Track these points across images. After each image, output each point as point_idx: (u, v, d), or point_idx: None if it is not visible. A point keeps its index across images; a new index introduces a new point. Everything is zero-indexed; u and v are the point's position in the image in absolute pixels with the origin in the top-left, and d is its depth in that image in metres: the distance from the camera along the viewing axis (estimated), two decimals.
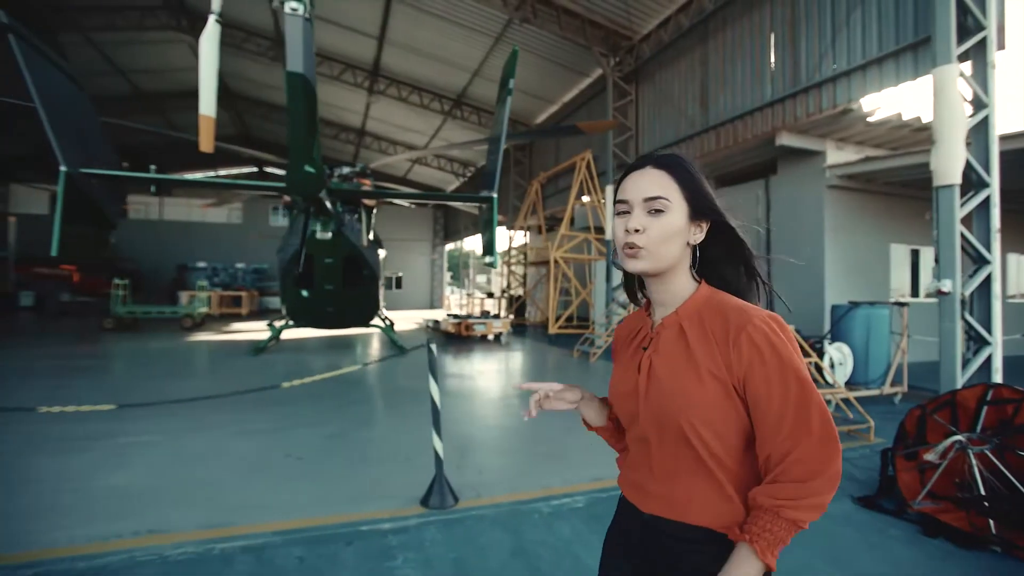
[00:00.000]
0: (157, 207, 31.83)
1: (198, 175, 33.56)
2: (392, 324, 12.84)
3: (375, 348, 13.09)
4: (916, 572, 3.15)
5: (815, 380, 6.69)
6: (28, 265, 20.62)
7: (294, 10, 4.18)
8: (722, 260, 1.23)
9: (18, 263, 20.67)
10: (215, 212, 33.55)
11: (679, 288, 1.20)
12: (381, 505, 3.79)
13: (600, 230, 16.09)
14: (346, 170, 11.61)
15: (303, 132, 4.83)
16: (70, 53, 18.80)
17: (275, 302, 29.17)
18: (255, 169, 36.38)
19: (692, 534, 1.14)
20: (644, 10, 12.70)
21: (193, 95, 23.17)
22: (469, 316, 15.59)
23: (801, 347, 6.77)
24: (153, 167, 6.58)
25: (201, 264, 27.76)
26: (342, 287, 9.36)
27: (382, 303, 11.74)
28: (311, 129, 4.93)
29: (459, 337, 14.84)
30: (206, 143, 4.20)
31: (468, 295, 23.52)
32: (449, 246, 37.01)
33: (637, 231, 1.13)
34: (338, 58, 18.97)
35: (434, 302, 35.61)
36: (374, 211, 10.77)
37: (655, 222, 1.13)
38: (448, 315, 16.91)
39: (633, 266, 1.16)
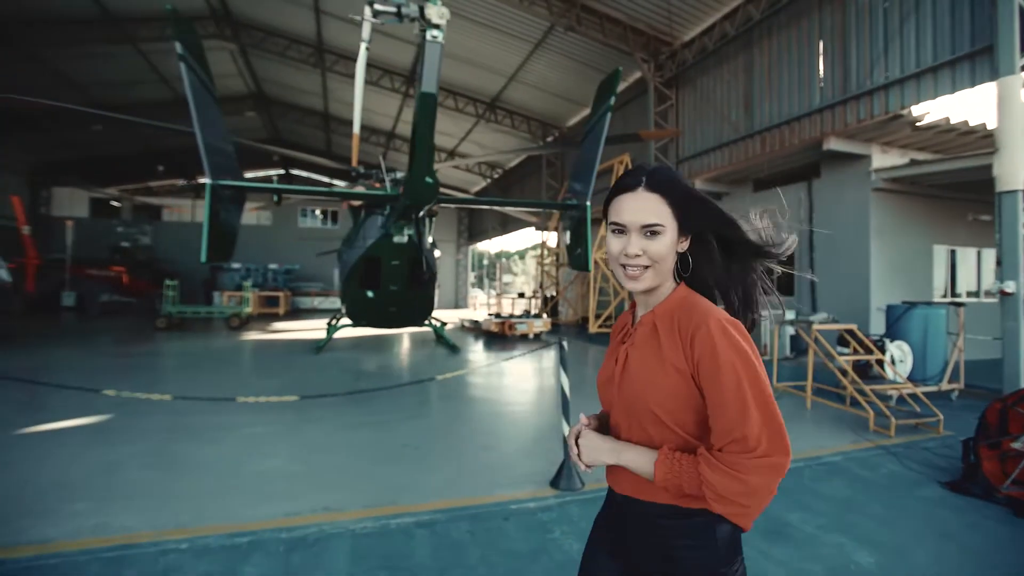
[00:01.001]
0: (190, 210, 32.59)
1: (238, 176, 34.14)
2: (444, 324, 13.26)
3: (431, 346, 13.53)
4: (1016, 547, 3.51)
5: (879, 376, 7.03)
6: (81, 266, 21.31)
7: (434, 37, 4.58)
8: (703, 263, 1.31)
9: (72, 264, 21.44)
10: (245, 214, 34.24)
11: (662, 291, 1.30)
12: (510, 489, 4.19)
13: None
14: (399, 175, 12.07)
15: (428, 147, 5.24)
16: (124, 65, 19.49)
17: (306, 302, 29.78)
18: (283, 172, 37.17)
19: (656, 510, 1.26)
20: (687, 17, 13.03)
21: (229, 100, 23.65)
22: (511, 316, 16.00)
23: (863, 344, 7.12)
24: (275, 178, 7.03)
25: (236, 265, 28.30)
26: (406, 288, 9.80)
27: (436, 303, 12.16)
28: (432, 144, 5.33)
29: (501, 336, 15.25)
30: (355, 159, 4.62)
31: (499, 295, 23.89)
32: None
33: (637, 255, 1.23)
34: (377, 64, 19.44)
35: (459, 302, 36.05)
36: (435, 214, 11.20)
37: (651, 244, 1.22)
38: (489, 315, 17.32)
39: (635, 286, 1.26)
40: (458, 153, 27.01)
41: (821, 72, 10.26)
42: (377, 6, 4.50)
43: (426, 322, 12.17)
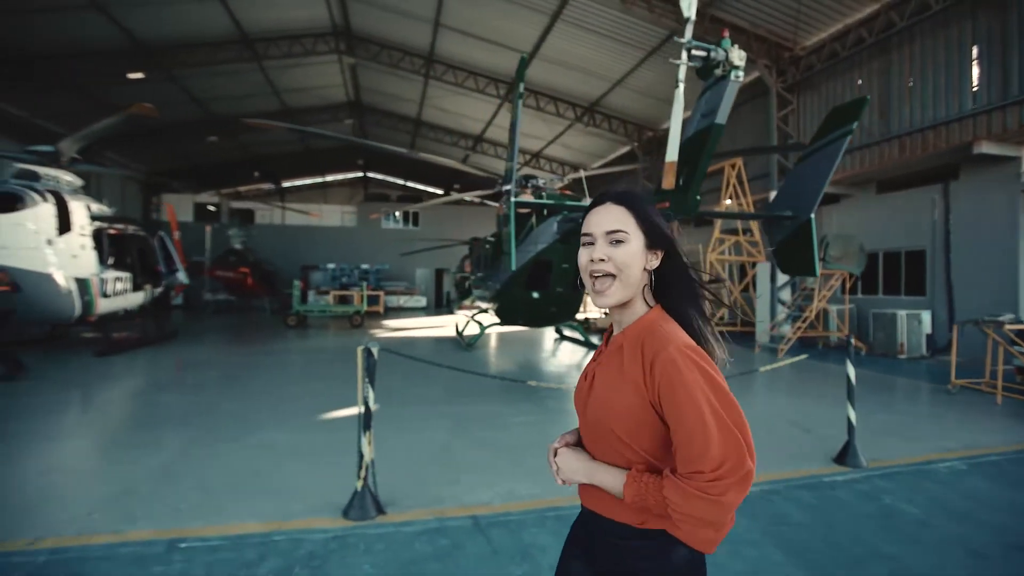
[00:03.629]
0: (280, 213, 34.30)
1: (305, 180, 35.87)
2: (585, 323, 13.98)
3: (557, 343, 14.26)
4: None
5: None
6: (213, 268, 22.94)
7: (736, 77, 5.26)
8: (672, 282, 1.35)
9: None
10: (330, 216, 35.80)
11: (634, 311, 1.33)
12: (792, 466, 4.81)
13: (747, 231, 16.77)
14: (541, 181, 12.80)
15: (705, 168, 5.90)
16: (244, 80, 20.86)
17: (392, 301, 30.89)
18: (361, 175, 38.59)
19: (617, 530, 1.29)
20: (813, 23, 13.35)
21: (328, 108, 24.82)
22: None
23: None
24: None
25: (330, 265, 29.69)
26: (571, 289, 10.51)
27: None
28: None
29: None
30: (668, 182, 5.32)
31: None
32: None
33: (602, 260, 1.28)
34: (485, 74, 20.29)
35: None
36: None
37: (616, 251, 1.27)
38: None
39: (603, 302, 1.30)
40: (543, 156, 27.69)
41: (975, 77, 10.49)
42: (693, 52, 5.17)
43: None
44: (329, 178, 38.67)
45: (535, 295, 10.79)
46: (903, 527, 3.71)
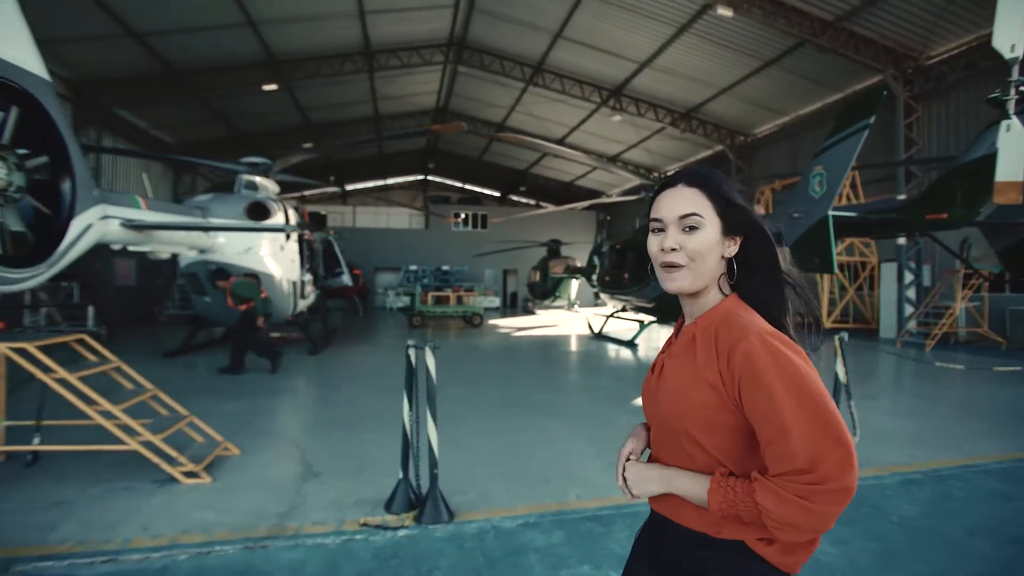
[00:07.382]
0: (351, 215, 35.33)
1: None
2: None
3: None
4: None
5: None
6: None
7: (1007, 128, 6.01)
8: (752, 271, 1.23)
9: None
10: (398, 218, 36.81)
11: (706, 301, 1.22)
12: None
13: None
14: None
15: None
16: (350, 90, 21.74)
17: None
18: (421, 177, 39.49)
19: (691, 538, 1.19)
20: (945, 35, 14.01)
21: (414, 115, 25.53)
22: None
23: None
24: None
25: (412, 267, 30.60)
26: None
27: None
28: None
29: None
30: (1011, 198, 6.06)
31: None
32: None
33: (674, 249, 1.17)
34: (591, 81, 21.09)
35: (598, 302, 37.52)
36: None
37: (690, 239, 1.16)
38: None
39: (672, 286, 1.19)
40: (620, 159, 28.42)
41: None
42: (1022, 88, 5.96)
43: None
44: (390, 181, 39.61)
45: None
46: None
